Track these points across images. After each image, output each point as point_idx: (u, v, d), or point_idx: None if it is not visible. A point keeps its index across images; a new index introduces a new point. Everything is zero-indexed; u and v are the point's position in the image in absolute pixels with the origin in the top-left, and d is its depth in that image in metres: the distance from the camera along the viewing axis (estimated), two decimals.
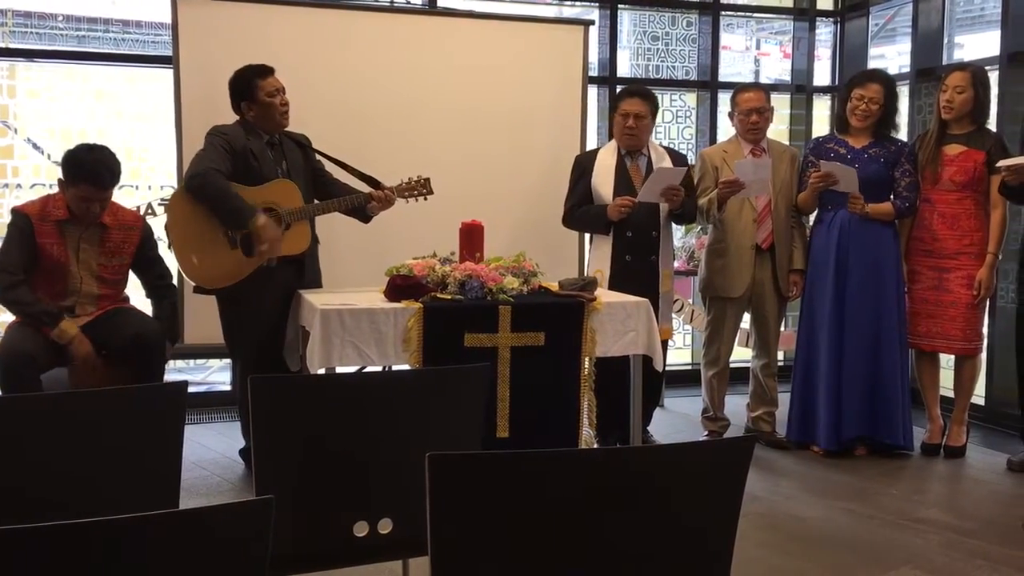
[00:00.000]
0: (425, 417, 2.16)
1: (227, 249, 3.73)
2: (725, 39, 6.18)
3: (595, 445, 3.87)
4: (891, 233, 4.39)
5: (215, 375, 5.70)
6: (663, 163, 4.33)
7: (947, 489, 4.17)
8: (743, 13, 6.41)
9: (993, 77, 4.77)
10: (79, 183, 3.55)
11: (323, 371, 3.33)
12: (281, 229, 3.76)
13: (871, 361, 4.37)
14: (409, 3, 5.21)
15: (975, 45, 5.74)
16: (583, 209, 4.38)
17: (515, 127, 4.94)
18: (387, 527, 2.13)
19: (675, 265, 4.68)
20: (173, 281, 3.94)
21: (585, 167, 4.41)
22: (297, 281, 3.89)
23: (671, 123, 6.02)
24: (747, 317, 4.71)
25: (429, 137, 4.77)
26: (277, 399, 2.07)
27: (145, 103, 5.29)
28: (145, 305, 3.94)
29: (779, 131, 6.00)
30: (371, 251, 4.34)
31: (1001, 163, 3.99)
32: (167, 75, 4.62)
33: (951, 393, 4.56)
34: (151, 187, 5.31)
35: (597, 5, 5.78)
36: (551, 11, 5.88)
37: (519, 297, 3.55)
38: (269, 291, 3.82)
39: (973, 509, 3.79)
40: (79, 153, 3.58)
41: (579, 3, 5.89)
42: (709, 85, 5.97)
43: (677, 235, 5.08)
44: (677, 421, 5.10)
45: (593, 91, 5.50)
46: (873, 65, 5.91)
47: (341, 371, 3.38)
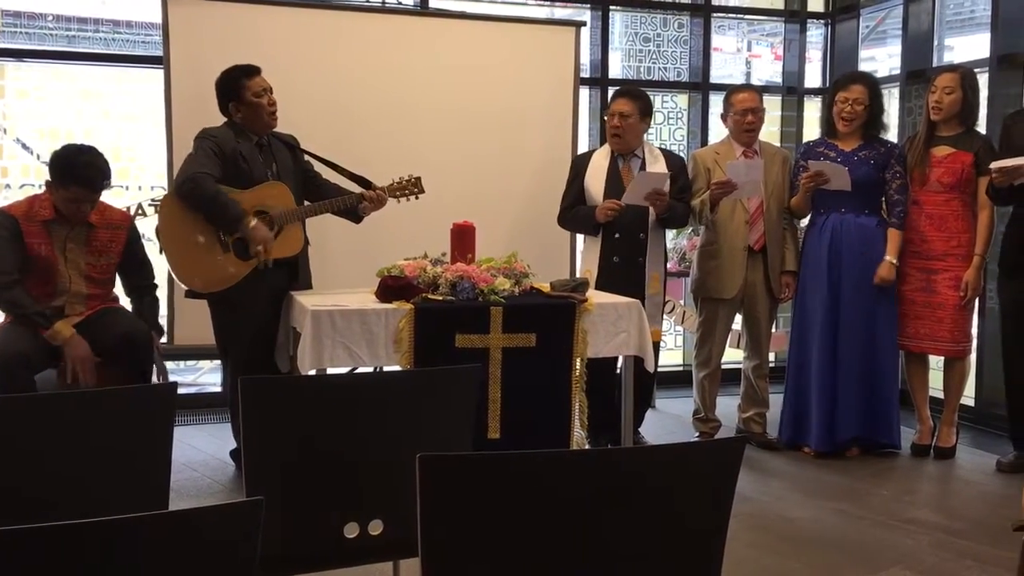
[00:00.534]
0: (416, 418, 2.16)
1: (220, 253, 3.72)
2: (716, 41, 6.19)
3: (586, 446, 3.87)
4: (883, 235, 4.40)
5: (205, 376, 5.69)
6: (657, 165, 4.34)
7: (937, 490, 4.19)
8: (734, 15, 6.43)
9: (983, 79, 4.79)
10: (70, 185, 3.52)
11: (314, 372, 3.33)
12: (274, 232, 3.75)
13: (866, 363, 4.38)
14: (400, 3, 5.20)
15: (965, 47, 5.76)
16: (575, 210, 4.39)
17: (507, 128, 4.94)
18: (378, 528, 2.13)
19: (668, 266, 4.68)
20: (156, 281, 3.93)
21: (580, 168, 4.43)
22: (289, 283, 3.89)
23: (663, 124, 6.03)
24: (738, 318, 4.72)
25: (420, 138, 4.77)
26: (266, 400, 2.07)
27: (135, 103, 5.27)
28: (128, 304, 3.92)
29: (770, 133, 6.01)
30: (362, 252, 4.33)
31: (994, 164, 4.00)
32: (157, 75, 4.60)
33: (940, 394, 4.58)
34: (141, 188, 5.30)
35: (589, 6, 5.79)
36: (543, 12, 5.88)
37: (510, 298, 3.55)
38: (261, 293, 3.81)
39: (963, 510, 3.80)
40: (69, 155, 3.56)
41: (571, 4, 5.90)
42: (701, 87, 5.98)
43: (669, 236, 5.08)
44: (668, 422, 5.11)
45: (585, 92, 5.50)
46: (864, 67, 5.92)
47: (332, 372, 3.37)
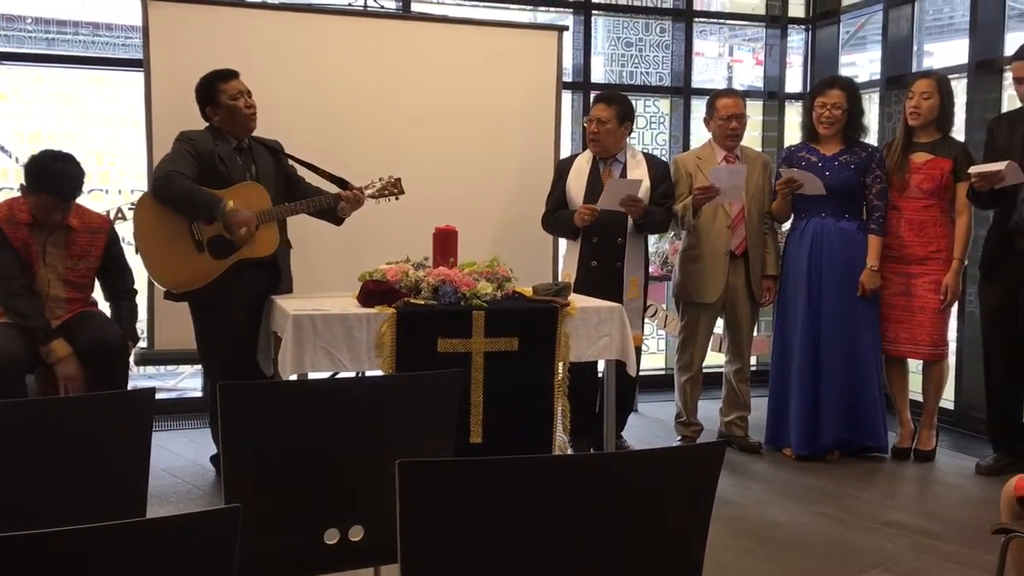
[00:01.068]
0: (398, 423, 2.15)
1: (194, 252, 3.74)
2: (698, 46, 6.22)
3: (569, 450, 3.88)
4: (863, 239, 4.42)
5: (186, 381, 5.64)
6: (638, 169, 4.35)
7: (917, 493, 4.21)
8: (716, 20, 6.46)
9: (961, 85, 4.84)
10: (39, 191, 3.53)
11: (295, 377, 3.31)
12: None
13: (848, 366, 4.40)
14: (382, 7, 5.19)
15: (944, 53, 5.81)
16: (556, 214, 4.40)
17: (489, 132, 4.94)
18: (358, 534, 2.12)
19: (650, 270, 4.69)
20: (136, 286, 3.92)
21: (563, 172, 4.45)
22: (270, 286, 3.89)
23: (644, 129, 6.05)
24: (720, 322, 4.73)
25: (402, 142, 4.75)
26: (246, 405, 2.05)
27: (115, 106, 5.24)
28: (107, 309, 3.90)
29: (752, 137, 6.04)
30: (344, 256, 4.32)
31: (972, 169, 4.06)
32: (137, 78, 4.57)
33: (920, 397, 4.61)
34: (121, 191, 5.26)
35: (571, 11, 5.80)
36: (525, 16, 5.89)
37: (493, 302, 3.55)
38: (241, 296, 3.81)
39: (943, 513, 3.83)
40: (43, 161, 3.56)
41: (553, 9, 5.91)
42: (682, 91, 6.00)
43: (651, 241, 5.09)
44: (651, 426, 5.12)
45: (567, 96, 5.51)
46: (844, 72, 5.97)
47: (313, 377, 3.36)
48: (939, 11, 5.86)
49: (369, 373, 3.51)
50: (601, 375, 4.14)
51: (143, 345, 4.44)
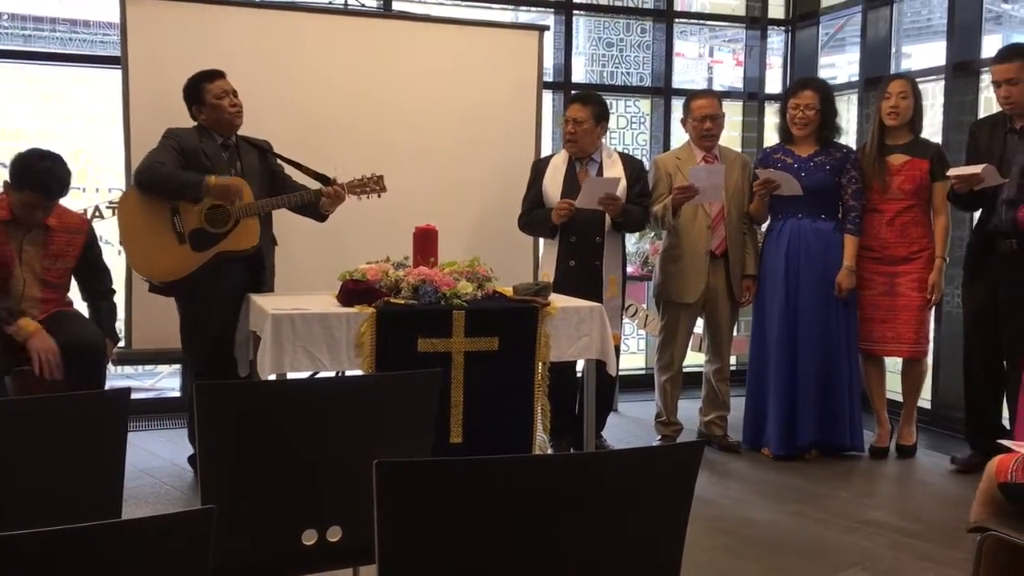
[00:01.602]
0: (377, 423, 2.14)
1: (175, 244, 3.81)
2: (679, 46, 6.24)
3: (549, 450, 3.88)
4: (839, 240, 4.45)
5: (164, 381, 5.60)
6: (614, 169, 4.36)
7: (895, 492, 4.24)
8: (696, 21, 6.48)
9: (939, 87, 4.88)
10: (25, 189, 3.51)
11: (274, 377, 3.29)
12: (230, 225, 3.81)
13: (825, 366, 4.43)
14: (363, 6, 5.17)
15: (922, 55, 5.85)
16: (533, 213, 4.40)
17: (470, 131, 4.93)
18: (336, 535, 2.11)
19: (629, 270, 4.69)
20: (113, 287, 3.91)
21: (539, 172, 4.45)
22: (253, 281, 3.93)
23: (625, 129, 6.06)
24: (700, 322, 4.75)
25: (383, 141, 4.74)
26: (223, 405, 2.04)
27: (93, 104, 5.19)
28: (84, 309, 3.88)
29: (731, 138, 6.06)
30: (325, 255, 4.31)
31: (951, 171, 4.11)
32: (115, 75, 4.54)
33: (898, 397, 4.64)
34: (99, 189, 5.22)
35: (552, 11, 5.80)
36: (507, 16, 5.88)
37: (473, 302, 3.54)
38: (222, 290, 3.84)
39: (920, 512, 3.85)
40: (31, 159, 3.54)
41: (535, 9, 5.91)
42: (663, 91, 6.01)
43: (631, 240, 5.10)
44: (631, 426, 5.12)
45: (548, 96, 5.51)
46: (823, 74, 6.00)
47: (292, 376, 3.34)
48: (917, 13, 5.91)
49: (349, 373, 3.49)
50: (581, 375, 4.14)
51: (120, 345, 4.40)
